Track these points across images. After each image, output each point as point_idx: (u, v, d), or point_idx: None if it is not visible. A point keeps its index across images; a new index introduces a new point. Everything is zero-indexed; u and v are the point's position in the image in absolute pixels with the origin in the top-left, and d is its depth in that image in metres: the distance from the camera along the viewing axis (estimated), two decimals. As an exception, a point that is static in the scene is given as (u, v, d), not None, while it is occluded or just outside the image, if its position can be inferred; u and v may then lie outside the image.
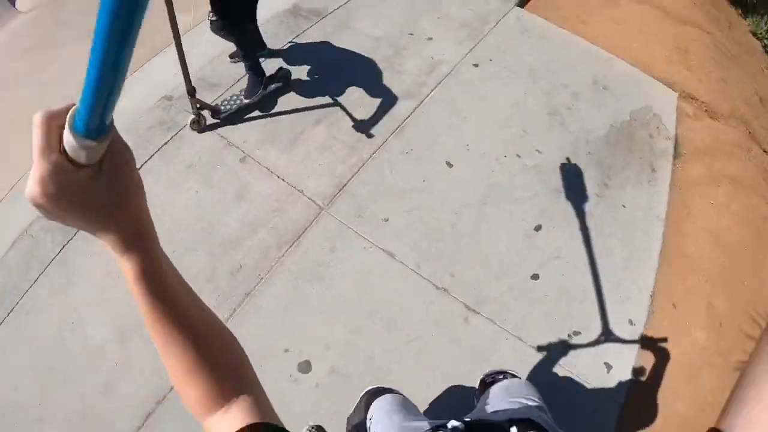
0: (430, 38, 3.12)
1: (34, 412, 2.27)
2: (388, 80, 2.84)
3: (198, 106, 2.50)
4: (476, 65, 3.04)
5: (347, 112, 2.68)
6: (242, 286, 2.23)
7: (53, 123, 0.41)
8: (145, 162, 2.57)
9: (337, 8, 3.15)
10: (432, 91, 2.83)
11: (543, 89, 3.05)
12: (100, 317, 2.26)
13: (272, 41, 2.92)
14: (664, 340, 2.25)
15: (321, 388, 2.14)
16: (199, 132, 2.58)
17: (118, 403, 2.21)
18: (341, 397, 2.12)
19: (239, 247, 2.29)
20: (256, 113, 2.70)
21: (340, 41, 2.99)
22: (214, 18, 2.30)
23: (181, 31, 2.33)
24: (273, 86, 2.68)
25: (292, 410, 2.10)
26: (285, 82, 2.74)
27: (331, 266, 2.29)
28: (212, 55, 2.93)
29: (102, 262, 2.39)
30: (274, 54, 2.90)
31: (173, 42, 2.28)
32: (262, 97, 2.66)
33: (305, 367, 2.19)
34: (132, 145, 2.00)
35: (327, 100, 2.73)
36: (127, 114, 2.64)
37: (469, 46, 3.13)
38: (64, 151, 0.40)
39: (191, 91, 2.39)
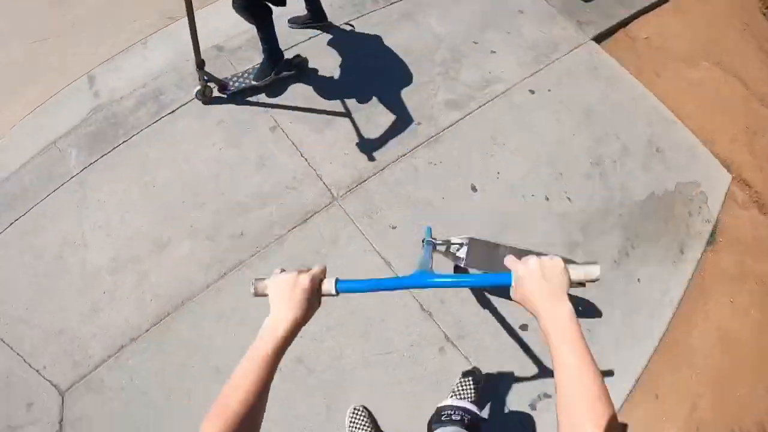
0: (494, 51, 3.00)
1: (20, 313, 2.38)
2: (438, 84, 2.76)
3: (206, 78, 2.49)
4: (532, 92, 2.92)
5: (387, 107, 2.62)
6: (238, 253, 2.26)
7: (324, 272, 0.97)
8: (182, 105, 2.60)
9: (409, -4, 3.05)
10: (480, 107, 2.73)
11: (594, 134, 2.91)
12: (102, 245, 2.33)
13: (333, 15, 2.86)
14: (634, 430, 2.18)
15: (282, 373, 2.16)
16: (204, 103, 2.58)
17: (96, 329, 2.29)
18: (299, 387, 2.15)
19: (246, 214, 2.31)
20: (304, 88, 2.66)
21: (401, 31, 2.91)
22: None
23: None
24: (285, 73, 2.64)
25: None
26: (299, 71, 2.70)
27: (328, 258, 2.28)
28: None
29: (116, 194, 2.45)
30: (328, 29, 2.84)
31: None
32: (272, 81, 2.63)
33: (278, 348, 2.21)
34: (173, 85, 2.00)
35: (372, 89, 2.67)
36: (175, 55, 2.65)
37: (531, 69, 3.00)
38: (320, 283, 0.93)
39: (200, 64, 2.39)
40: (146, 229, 2.34)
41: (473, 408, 1.51)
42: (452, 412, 1.46)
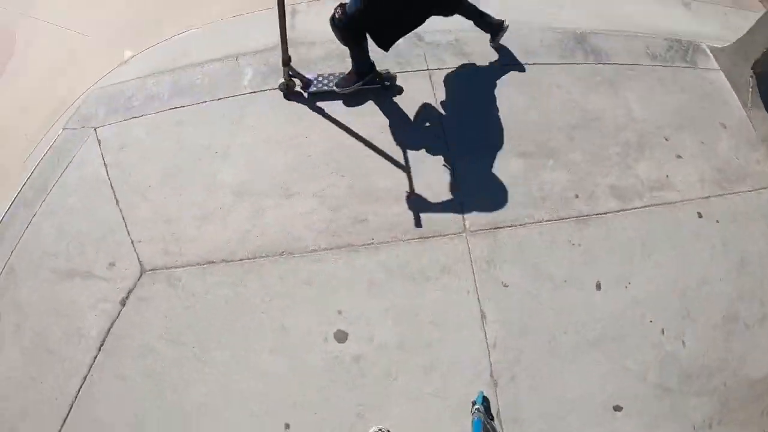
0: (680, 156, 2.74)
1: (142, 187, 2.54)
2: (612, 165, 2.57)
3: (290, 74, 2.51)
4: (700, 215, 2.66)
5: (553, 163, 2.47)
6: (353, 236, 2.26)
7: None
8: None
9: (621, 64, 2.82)
10: (643, 207, 2.53)
11: (740, 288, 2.61)
12: (238, 167, 2.41)
13: (540, 50, 2.72)
14: None
15: (336, 363, 2.17)
16: (285, 97, 2.61)
17: (198, 235, 2.40)
18: (344, 382, 2.15)
19: (377, 204, 2.29)
20: (484, 116, 2.59)
21: (597, 94, 2.71)
22: (339, 15, 2.20)
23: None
24: (369, 86, 2.59)
25: (298, 360, 2.18)
26: (383, 88, 2.63)
27: (429, 282, 2.23)
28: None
29: (271, 129, 2.51)
30: (531, 66, 2.70)
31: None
32: (355, 91, 2.58)
33: (341, 337, 2.21)
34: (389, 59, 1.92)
35: (546, 140, 2.53)
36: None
37: (708, 191, 2.73)
38: None
39: (286, 61, 2.41)
40: (282, 173, 2.39)
41: None
42: None
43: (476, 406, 1.77)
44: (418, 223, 2.27)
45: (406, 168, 2.41)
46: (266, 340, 2.22)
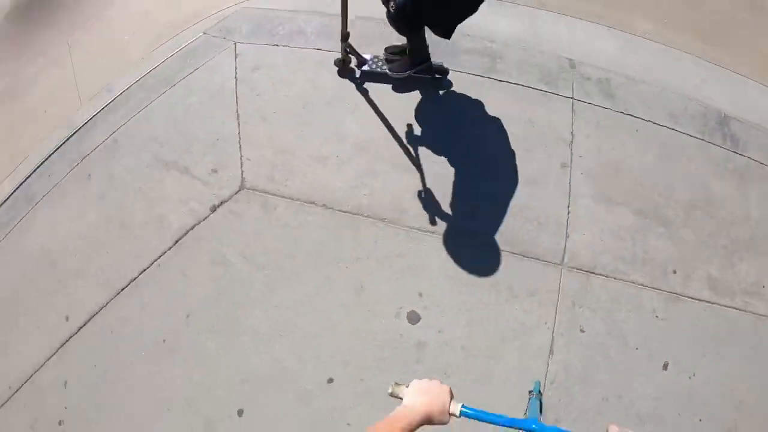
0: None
1: (265, 112, 2.65)
2: (714, 254, 2.51)
3: (348, 50, 2.55)
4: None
5: (662, 233, 2.44)
6: (444, 231, 2.28)
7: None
8: (500, 81, 2.65)
9: (754, 160, 2.72)
10: (730, 307, 2.46)
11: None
12: (367, 124, 2.46)
13: (683, 118, 2.68)
14: None
15: (399, 341, 2.19)
16: (338, 72, 2.68)
17: (306, 172, 2.45)
18: (400, 362, 2.17)
19: (487, 207, 2.31)
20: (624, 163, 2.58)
21: (722, 181, 2.62)
22: (392, 7, 2.16)
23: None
24: (421, 75, 2.61)
25: (365, 324, 2.21)
26: (434, 76, 2.65)
27: (515, 299, 2.23)
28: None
29: (409, 96, 2.59)
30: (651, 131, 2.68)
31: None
32: (407, 77, 2.61)
33: (413, 318, 2.23)
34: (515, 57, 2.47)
35: (666, 207, 2.49)
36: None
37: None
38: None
39: (344, 36, 2.44)
40: (407, 144, 2.43)
41: None
42: None
43: (533, 392, 1.79)
44: (521, 240, 2.27)
45: (524, 183, 2.40)
46: (341, 293, 2.25)
